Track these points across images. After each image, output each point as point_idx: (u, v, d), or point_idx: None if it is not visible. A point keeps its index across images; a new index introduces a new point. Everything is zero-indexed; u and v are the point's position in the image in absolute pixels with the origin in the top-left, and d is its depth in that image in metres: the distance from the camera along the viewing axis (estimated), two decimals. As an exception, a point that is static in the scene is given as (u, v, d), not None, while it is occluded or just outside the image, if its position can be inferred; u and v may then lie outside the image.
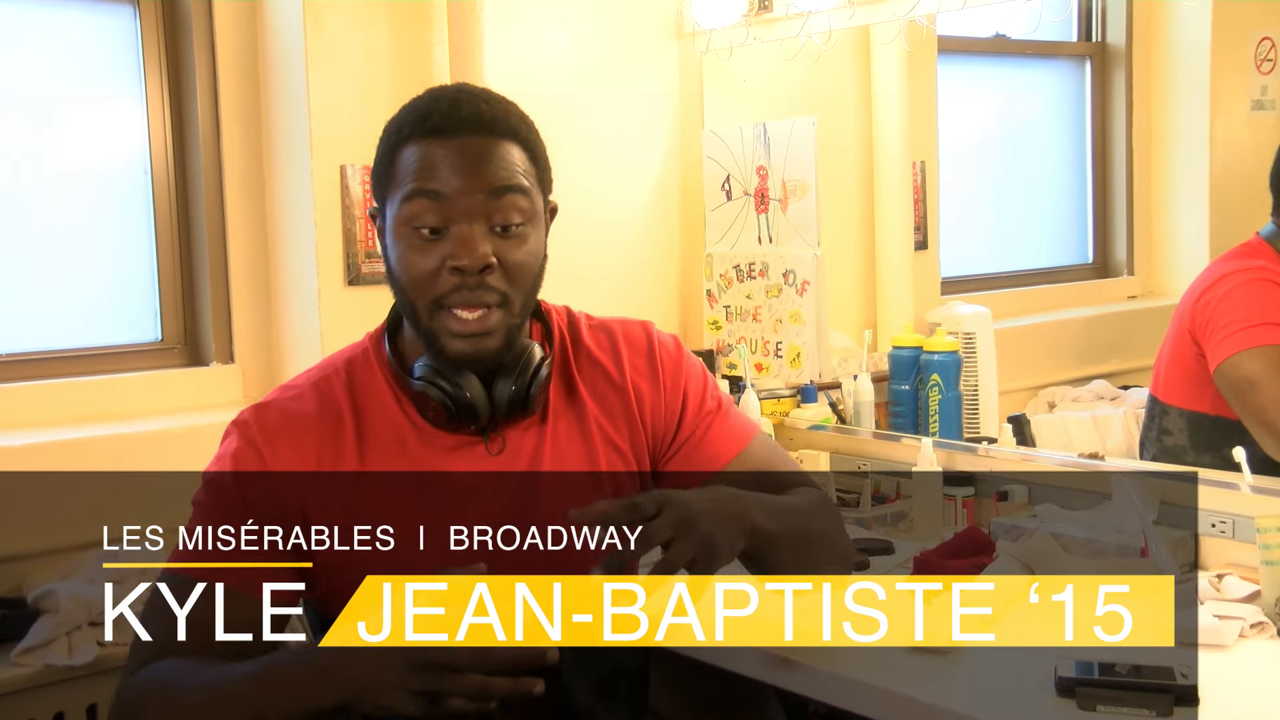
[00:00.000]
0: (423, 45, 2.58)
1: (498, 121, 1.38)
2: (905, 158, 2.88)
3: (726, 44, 2.80)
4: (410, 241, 1.36)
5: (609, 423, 1.53)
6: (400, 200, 1.37)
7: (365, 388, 1.46)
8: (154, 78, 2.54)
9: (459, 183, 1.35)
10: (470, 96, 1.40)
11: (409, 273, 1.37)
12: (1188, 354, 2.27)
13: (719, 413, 1.58)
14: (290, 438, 1.42)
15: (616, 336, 1.57)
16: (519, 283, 1.39)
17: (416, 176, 1.36)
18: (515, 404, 1.43)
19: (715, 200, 2.86)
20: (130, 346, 2.55)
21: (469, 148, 1.36)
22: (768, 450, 1.60)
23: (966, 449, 2.41)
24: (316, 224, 2.48)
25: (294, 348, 2.58)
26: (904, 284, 2.88)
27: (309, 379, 1.48)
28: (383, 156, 1.41)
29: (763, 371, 2.76)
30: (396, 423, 1.45)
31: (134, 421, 2.39)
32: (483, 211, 1.35)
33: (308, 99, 2.45)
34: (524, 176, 1.39)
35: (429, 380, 1.40)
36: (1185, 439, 2.27)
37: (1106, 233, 3.45)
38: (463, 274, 1.35)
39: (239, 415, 1.45)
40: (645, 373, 1.55)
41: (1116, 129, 3.42)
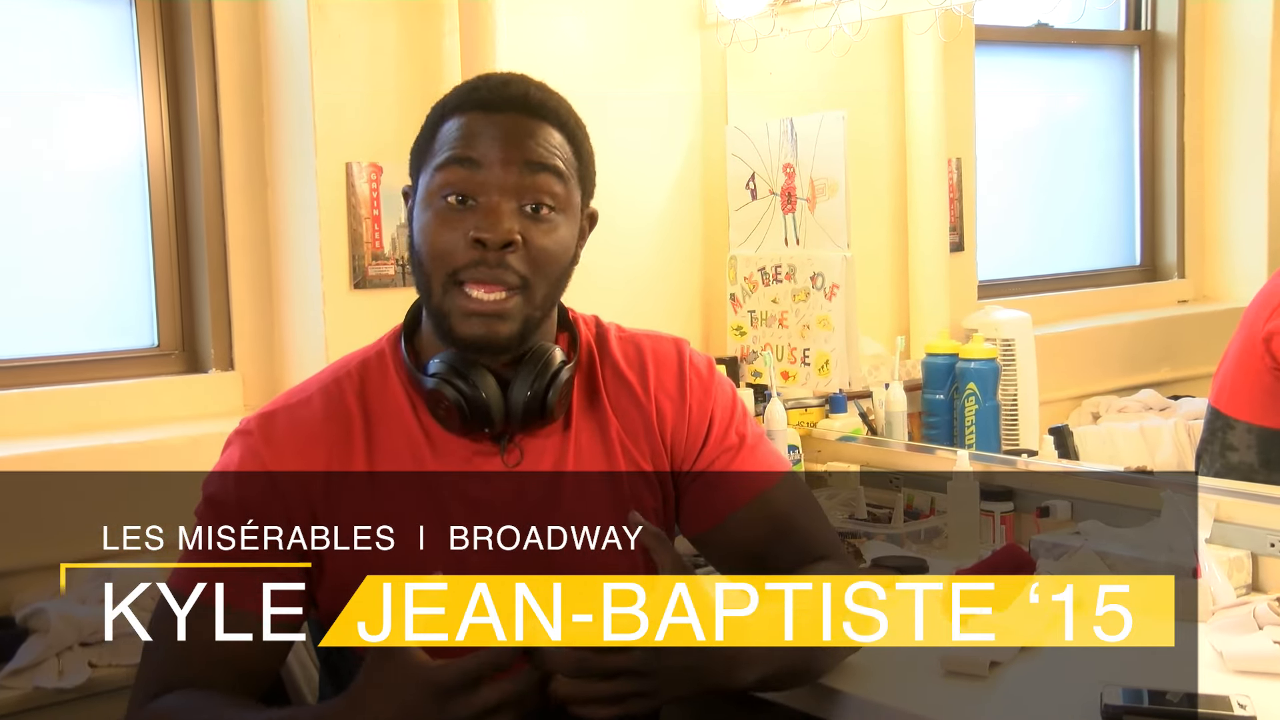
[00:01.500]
0: (432, 38, 2.57)
1: (545, 106, 1.40)
2: (940, 154, 2.86)
3: (751, 35, 2.79)
4: (437, 210, 1.37)
5: (630, 440, 1.51)
6: (434, 169, 1.38)
7: (378, 391, 1.45)
8: (150, 73, 2.53)
9: (495, 153, 1.35)
10: (522, 80, 1.41)
11: (431, 242, 1.37)
12: (1259, 365, 2.22)
13: (743, 447, 1.55)
14: (297, 446, 1.40)
15: (645, 352, 1.55)
16: (543, 270, 1.38)
17: (454, 145, 1.37)
18: (532, 408, 1.41)
19: (739, 200, 2.83)
20: (125, 352, 2.54)
21: (512, 123, 1.37)
22: (794, 497, 1.56)
23: (1005, 462, 2.39)
24: (321, 224, 2.47)
25: (297, 354, 2.57)
26: (939, 288, 2.86)
27: (319, 382, 1.47)
28: (425, 131, 1.42)
29: (789, 380, 2.74)
30: (409, 430, 1.43)
31: (129, 431, 2.38)
32: (515, 187, 1.36)
33: (312, 94, 2.44)
34: (563, 162, 1.39)
35: (443, 378, 1.39)
36: (1254, 455, 2.23)
37: (1155, 233, 3.43)
38: (484, 248, 1.34)
39: (242, 423, 1.44)
40: (671, 393, 1.53)
41: (1167, 123, 3.40)
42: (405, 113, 2.53)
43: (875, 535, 2.28)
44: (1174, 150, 3.40)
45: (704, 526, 1.54)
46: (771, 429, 2.50)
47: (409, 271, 2.53)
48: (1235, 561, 1.92)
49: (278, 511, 1.38)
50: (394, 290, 2.52)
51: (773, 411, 2.53)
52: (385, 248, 2.51)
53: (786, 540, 1.53)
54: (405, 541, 1.42)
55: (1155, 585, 1.81)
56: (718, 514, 1.53)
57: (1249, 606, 1.72)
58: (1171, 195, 3.41)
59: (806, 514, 1.56)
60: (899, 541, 2.27)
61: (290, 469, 1.39)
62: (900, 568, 2.09)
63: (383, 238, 2.51)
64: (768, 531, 1.53)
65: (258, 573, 1.38)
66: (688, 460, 1.53)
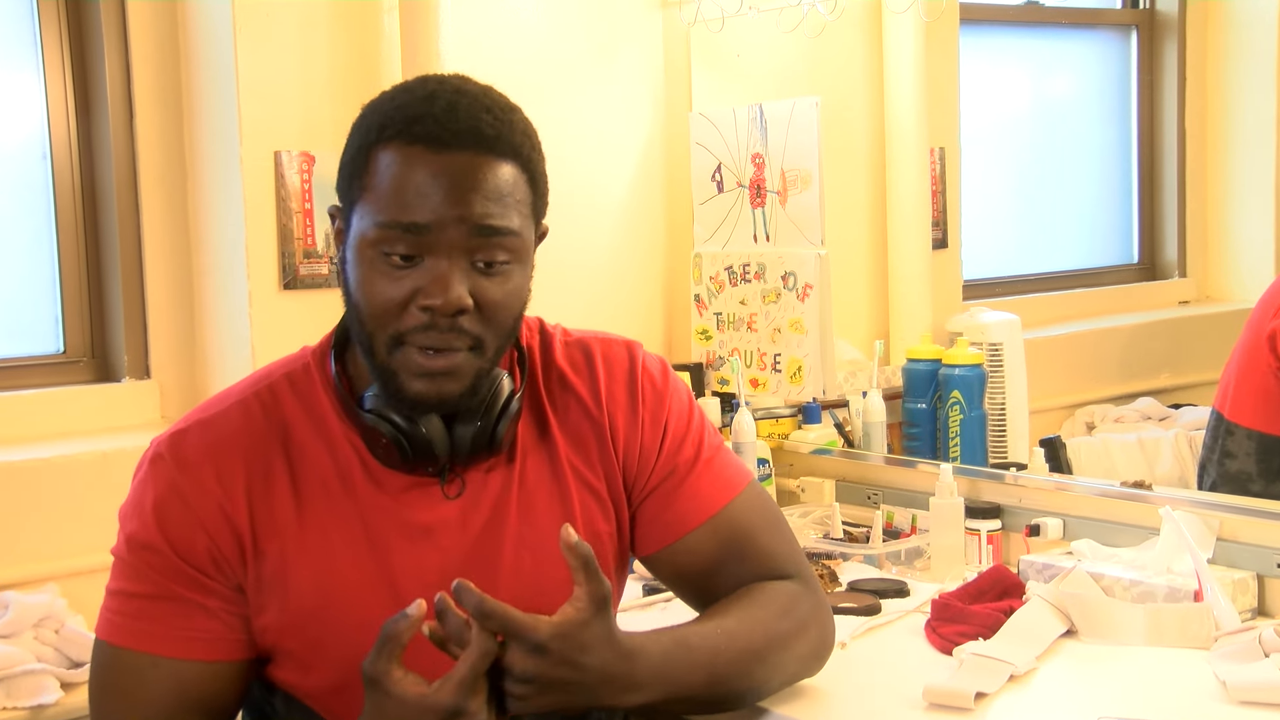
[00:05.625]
0: (370, 15, 2.56)
1: (500, 139, 1.35)
2: (922, 143, 2.86)
3: (718, 14, 2.79)
4: (378, 266, 1.34)
5: (582, 461, 1.51)
6: (373, 219, 1.34)
7: (305, 411, 1.44)
8: (53, 49, 2.50)
9: (443, 210, 1.32)
10: (471, 101, 1.36)
11: (371, 301, 1.35)
12: (1263, 368, 2.25)
13: (699, 460, 1.55)
14: (214, 464, 1.40)
15: (594, 356, 1.55)
16: (495, 325, 1.37)
17: (396, 200, 1.33)
18: (479, 444, 1.42)
19: (704, 193, 2.84)
20: (27, 359, 2.51)
21: (461, 168, 1.33)
22: (754, 513, 1.57)
23: (992, 476, 2.39)
24: (247, 219, 2.45)
25: (220, 361, 2.55)
26: (920, 288, 2.86)
27: (236, 394, 1.46)
28: (356, 151, 1.38)
29: (759, 388, 2.74)
30: (341, 455, 1.43)
31: (31, 446, 2.35)
32: (464, 247, 1.33)
33: (236, 75, 2.42)
34: (518, 212, 1.36)
35: (381, 414, 1.39)
36: (1252, 464, 2.26)
37: (1155, 229, 3.45)
38: (433, 314, 1.33)
39: (152, 446, 1.43)
40: (622, 401, 1.53)
41: (1168, 110, 3.42)
42: (340, 97, 2.51)
43: (852, 556, 2.29)
44: (1175, 139, 3.41)
45: (656, 546, 1.55)
46: (739, 441, 2.50)
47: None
48: (1240, 583, 1.93)
49: (202, 545, 1.38)
50: (327, 291, 2.51)
51: (741, 422, 2.53)
52: (318, 244, 2.50)
53: (744, 561, 1.53)
54: (340, 569, 1.42)
55: (1156, 611, 1.83)
56: (671, 534, 1.53)
57: (1254, 632, 1.73)
58: (1172, 187, 3.43)
59: (768, 531, 1.57)
60: (877, 563, 2.27)
61: (208, 491, 1.39)
62: (879, 591, 2.10)
63: (315, 234, 2.50)
64: (725, 552, 1.53)
65: (204, 615, 1.39)
66: (641, 476, 1.53)
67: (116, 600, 1.40)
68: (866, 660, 1.80)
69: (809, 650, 1.55)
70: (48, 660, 2.04)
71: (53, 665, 2.03)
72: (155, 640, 1.38)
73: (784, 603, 1.51)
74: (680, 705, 1.45)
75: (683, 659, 1.40)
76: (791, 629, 1.51)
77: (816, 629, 1.55)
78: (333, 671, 1.41)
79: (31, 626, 2.08)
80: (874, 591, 2.09)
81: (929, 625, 1.90)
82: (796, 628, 1.52)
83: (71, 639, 2.08)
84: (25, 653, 2.02)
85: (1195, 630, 1.81)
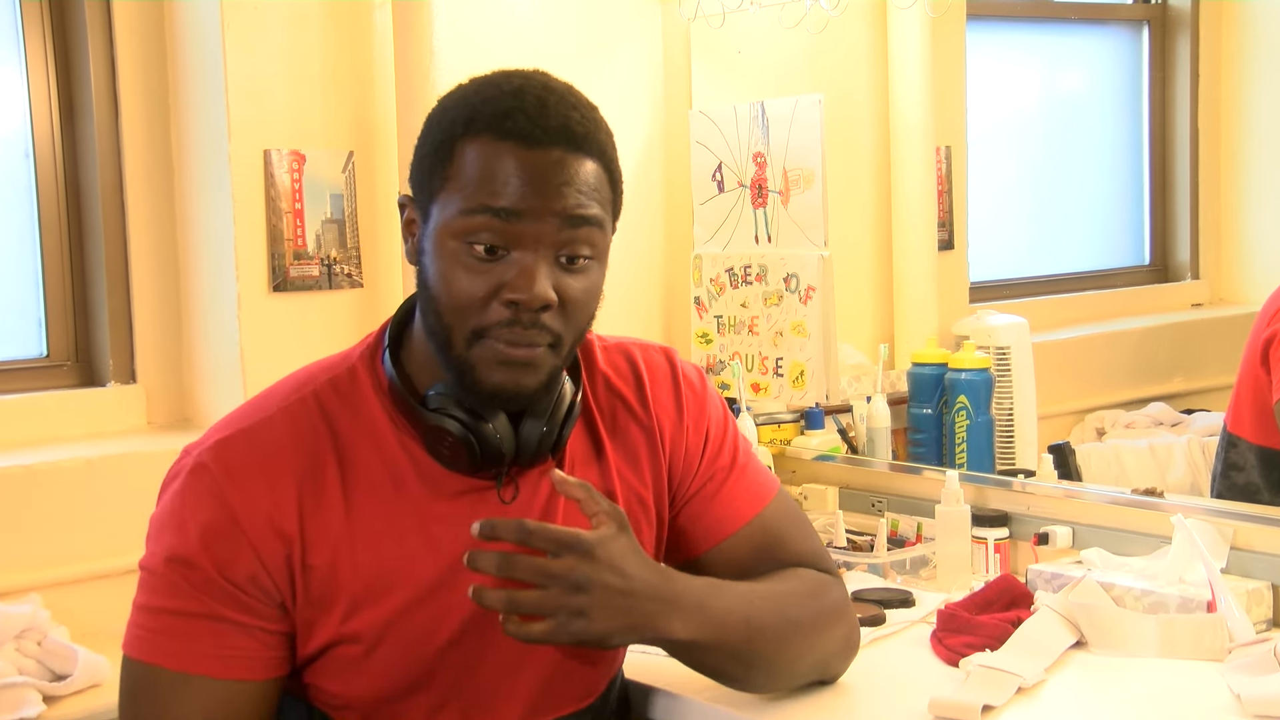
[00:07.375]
0: (362, 9, 2.56)
1: (588, 137, 1.39)
2: (928, 142, 2.87)
3: (718, 8, 2.79)
4: (461, 258, 1.36)
5: (631, 468, 1.55)
6: (459, 208, 1.36)
7: (352, 415, 1.44)
8: (36, 44, 2.50)
9: (535, 202, 1.34)
10: (559, 99, 1.40)
11: (453, 294, 1.36)
12: (1259, 378, 2.24)
13: (734, 468, 1.61)
14: (265, 478, 1.39)
15: (637, 362, 1.59)
16: (574, 324, 1.40)
17: (485, 187, 1.35)
18: (544, 448, 1.44)
19: (705, 192, 2.84)
20: (9, 363, 2.50)
21: (553, 163, 1.36)
22: (786, 514, 1.63)
23: (1000, 483, 2.39)
24: (235, 219, 2.45)
25: (208, 365, 2.55)
26: (926, 290, 2.87)
27: (279, 399, 1.45)
28: (439, 144, 1.39)
29: (760, 392, 2.74)
30: (390, 459, 1.43)
31: (14, 453, 2.34)
32: (553, 240, 1.36)
33: (225, 72, 2.42)
34: (602, 204, 1.40)
35: (449, 413, 1.40)
36: (1258, 477, 2.25)
37: (1167, 229, 3.45)
38: (517, 309, 1.35)
39: (194, 455, 1.42)
40: (669, 407, 1.58)
41: (1180, 108, 3.42)
42: (331, 95, 2.51)
43: (856, 565, 2.28)
44: (1187, 137, 3.41)
45: (692, 552, 1.59)
46: (741, 448, 2.50)
47: (335, 273, 2.52)
48: (1254, 594, 1.93)
49: (246, 562, 1.38)
50: (318, 293, 2.51)
51: (742, 428, 2.53)
52: (309, 245, 2.50)
53: (775, 560, 1.59)
54: (395, 570, 1.42)
55: (1168, 622, 1.83)
56: (709, 540, 1.59)
57: (1269, 644, 1.72)
58: (1184, 187, 3.42)
59: (798, 535, 1.63)
60: (882, 572, 2.27)
61: (258, 504, 1.38)
62: (883, 601, 2.10)
63: (305, 234, 2.50)
64: (758, 556, 1.58)
65: (241, 634, 1.39)
66: (684, 482, 1.58)
67: (148, 616, 1.39)
68: (871, 672, 1.80)
69: (840, 639, 1.60)
70: (29, 673, 2.03)
71: (35, 678, 2.02)
72: (190, 659, 1.37)
73: (815, 586, 1.57)
74: (720, 657, 1.48)
75: (721, 597, 1.46)
76: (824, 611, 1.57)
77: (847, 622, 1.61)
78: (385, 679, 1.43)
79: (13, 638, 2.07)
80: (878, 601, 2.09)
81: (935, 636, 1.89)
82: (829, 611, 1.58)
83: (54, 651, 2.07)
84: (6, 665, 2.01)
85: (1208, 642, 1.80)
